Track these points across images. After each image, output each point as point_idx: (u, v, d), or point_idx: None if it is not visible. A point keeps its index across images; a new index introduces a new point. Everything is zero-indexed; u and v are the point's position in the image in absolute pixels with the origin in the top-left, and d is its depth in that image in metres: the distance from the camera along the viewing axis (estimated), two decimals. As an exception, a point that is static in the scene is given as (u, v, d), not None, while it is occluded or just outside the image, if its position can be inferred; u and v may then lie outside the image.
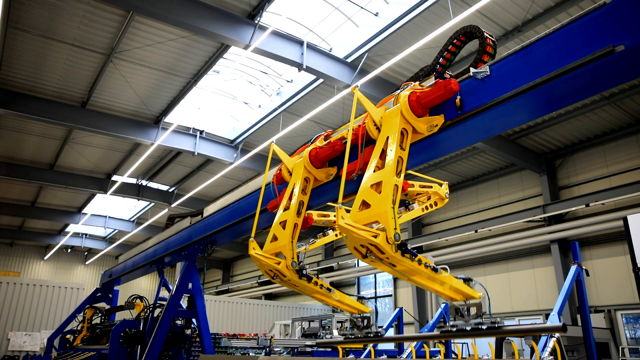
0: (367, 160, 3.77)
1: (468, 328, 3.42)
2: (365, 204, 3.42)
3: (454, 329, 3.49)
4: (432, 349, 13.54)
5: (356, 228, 3.19)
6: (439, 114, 3.69)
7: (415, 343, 8.16)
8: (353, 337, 4.45)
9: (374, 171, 3.50)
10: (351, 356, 12.89)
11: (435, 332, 3.93)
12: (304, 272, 3.94)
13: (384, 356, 9.94)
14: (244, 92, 16.27)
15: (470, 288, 3.57)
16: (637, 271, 7.91)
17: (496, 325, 3.32)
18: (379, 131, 3.81)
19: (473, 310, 3.47)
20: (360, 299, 4.47)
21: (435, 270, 3.41)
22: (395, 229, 3.12)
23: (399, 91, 3.88)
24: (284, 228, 4.37)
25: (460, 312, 3.52)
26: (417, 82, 3.94)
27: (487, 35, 3.82)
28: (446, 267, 3.51)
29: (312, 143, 4.64)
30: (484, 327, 3.36)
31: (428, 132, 3.69)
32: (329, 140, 4.43)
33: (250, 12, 11.71)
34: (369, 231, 3.15)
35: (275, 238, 4.38)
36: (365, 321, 4.00)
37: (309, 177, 4.62)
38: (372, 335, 4.31)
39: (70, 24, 12.05)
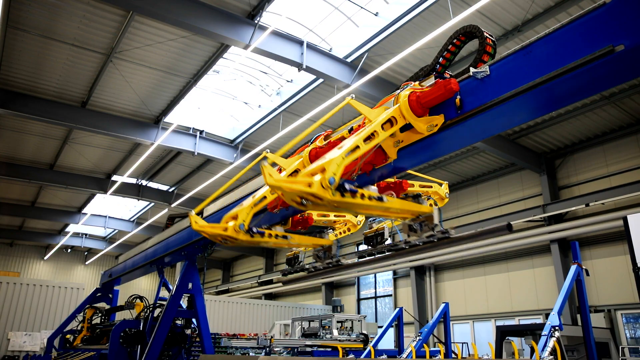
0: (367, 160, 3.75)
1: (420, 242, 3.51)
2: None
3: (407, 246, 3.58)
4: (432, 348, 13.55)
5: (287, 182, 2.97)
6: (439, 113, 3.67)
7: (415, 342, 8.16)
8: (315, 269, 4.57)
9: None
10: (351, 356, 12.90)
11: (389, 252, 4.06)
12: (254, 230, 3.80)
13: (384, 356, 9.95)
14: (244, 92, 16.27)
15: (420, 204, 3.61)
16: (637, 271, 7.91)
17: (447, 236, 3.39)
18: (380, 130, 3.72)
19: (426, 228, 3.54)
20: (320, 232, 4.62)
21: (380, 199, 3.27)
22: (335, 173, 2.86)
23: (398, 91, 3.86)
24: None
25: (412, 228, 3.56)
26: (417, 82, 3.93)
27: (487, 35, 3.82)
28: (392, 193, 3.46)
29: (311, 143, 4.59)
30: (435, 239, 3.44)
31: (428, 131, 3.67)
32: (328, 140, 4.41)
33: (250, 12, 11.71)
34: (301, 182, 2.93)
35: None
36: (327, 252, 4.01)
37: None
38: (332, 265, 4.42)
39: (70, 24, 12.05)
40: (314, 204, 2.99)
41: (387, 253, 4.08)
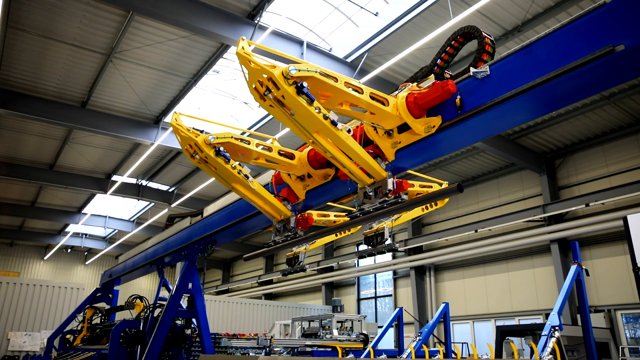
0: (373, 154, 3.84)
1: (372, 209, 3.74)
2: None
3: (360, 214, 3.82)
4: (431, 349, 13.55)
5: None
6: (437, 114, 3.68)
7: (414, 343, 8.16)
8: (275, 243, 4.83)
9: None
10: (350, 356, 12.90)
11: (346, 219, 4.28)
12: (221, 150, 3.91)
13: (383, 355, 9.94)
14: (244, 92, 16.26)
15: (377, 164, 3.76)
16: (637, 271, 7.91)
17: (399, 201, 3.64)
18: (377, 132, 3.89)
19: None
20: (284, 200, 4.71)
21: (334, 124, 3.38)
22: (299, 70, 3.13)
23: (397, 92, 3.89)
24: None
25: (367, 195, 3.81)
26: (415, 84, 3.94)
27: (486, 35, 3.84)
28: (349, 128, 3.61)
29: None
30: (386, 205, 3.68)
31: (425, 133, 3.71)
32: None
33: (250, 12, 11.72)
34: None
35: None
36: (286, 226, 4.23)
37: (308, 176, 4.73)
38: (290, 238, 4.65)
39: (70, 24, 12.05)
40: (274, 98, 3.22)
41: (351, 219, 4.25)
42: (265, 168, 5.14)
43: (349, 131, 3.63)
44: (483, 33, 3.85)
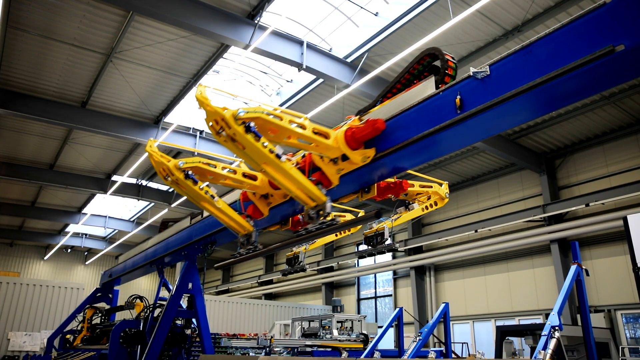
0: (316, 181, 4.38)
1: (314, 228, 4.33)
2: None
3: (304, 232, 4.43)
4: (432, 349, 13.55)
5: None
6: (372, 147, 4.19)
7: (414, 346, 8.15)
8: (239, 255, 5.41)
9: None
10: (345, 355, 12.90)
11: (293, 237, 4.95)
12: (190, 174, 4.48)
13: (378, 354, 9.92)
14: (244, 92, 16.27)
15: (318, 189, 4.25)
16: (637, 271, 7.91)
17: (334, 223, 4.30)
18: (323, 160, 4.43)
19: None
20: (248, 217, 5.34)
21: (279, 157, 3.91)
22: (247, 112, 3.73)
23: (343, 123, 4.42)
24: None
25: (310, 216, 4.39)
26: (358, 117, 4.48)
27: (448, 58, 4.06)
28: (290, 158, 4.23)
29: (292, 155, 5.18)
30: (325, 225, 4.28)
31: (362, 162, 4.23)
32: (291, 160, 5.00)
33: (250, 12, 11.71)
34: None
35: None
36: (249, 239, 4.82)
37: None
38: (252, 251, 5.27)
39: (70, 24, 12.05)
40: (227, 135, 3.72)
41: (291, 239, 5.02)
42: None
43: (300, 155, 4.20)
44: (446, 55, 4.11)
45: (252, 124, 3.72)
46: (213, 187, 5.21)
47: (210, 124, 3.79)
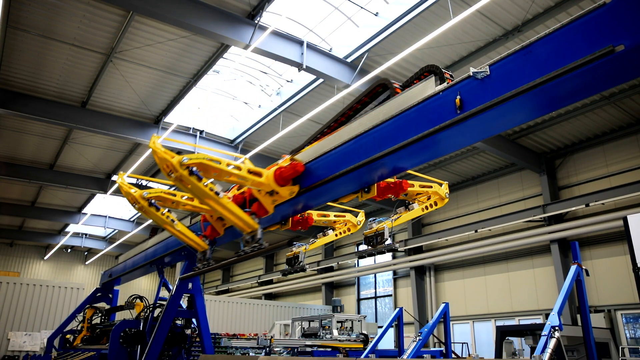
0: (250, 212, 5.31)
1: (249, 250, 5.18)
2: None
3: (243, 253, 5.28)
4: (432, 349, 13.56)
5: (161, 152, 4.55)
6: (297, 184, 5.13)
7: (415, 345, 8.15)
8: (198, 269, 6.17)
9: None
10: (340, 356, 12.91)
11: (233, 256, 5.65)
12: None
13: (373, 355, 9.92)
14: (244, 92, 16.27)
15: (250, 219, 5.15)
16: (637, 271, 7.91)
17: (262, 247, 5.10)
18: (260, 192, 5.25)
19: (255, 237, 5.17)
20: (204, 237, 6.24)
21: (217, 194, 4.87)
22: (188, 159, 4.49)
23: (279, 161, 5.37)
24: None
25: (246, 240, 5.24)
26: (290, 156, 5.41)
27: (396, 86, 4.64)
28: (221, 192, 5.04)
29: (229, 191, 6.03)
30: (257, 249, 5.14)
31: (289, 196, 5.15)
32: (234, 194, 5.91)
33: (250, 12, 11.71)
34: (169, 154, 4.54)
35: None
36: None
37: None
38: (206, 266, 6.12)
39: (70, 24, 12.05)
40: (176, 178, 4.54)
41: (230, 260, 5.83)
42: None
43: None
44: (394, 84, 4.71)
45: (194, 168, 4.54)
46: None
47: (163, 167, 4.55)
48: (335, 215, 8.08)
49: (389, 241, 6.23)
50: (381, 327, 18.33)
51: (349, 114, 5.33)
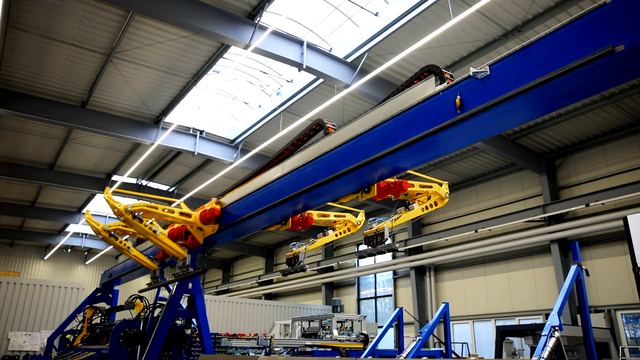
0: (182, 245, 7.55)
1: (181, 273, 7.31)
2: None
3: (176, 276, 7.40)
4: (432, 349, 13.55)
5: (112, 201, 6.34)
6: (216, 223, 7.00)
7: (414, 345, 8.14)
8: (149, 285, 8.60)
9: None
10: (337, 357, 12.90)
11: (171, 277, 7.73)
12: (136, 214, 6.61)
13: (370, 357, 9.90)
14: (244, 92, 16.27)
15: (179, 247, 7.35)
16: (637, 271, 7.91)
17: (188, 272, 7.21)
18: (192, 227, 7.14)
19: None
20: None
21: (155, 232, 6.98)
22: (131, 207, 6.55)
23: (206, 203, 7.15)
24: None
25: (179, 266, 7.41)
26: (215, 199, 7.13)
27: (330, 125, 5.50)
28: (159, 229, 7.27)
29: (169, 227, 7.69)
30: (187, 272, 7.27)
31: (212, 231, 7.02)
32: (177, 227, 7.52)
33: (250, 12, 11.71)
34: (119, 204, 6.34)
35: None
36: (155, 273, 7.77)
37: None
38: (156, 282, 8.57)
39: (70, 24, 12.05)
40: (122, 218, 6.62)
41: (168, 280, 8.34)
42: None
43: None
44: (327, 124, 5.53)
45: (136, 213, 6.52)
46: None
47: (114, 211, 6.55)
48: (335, 215, 8.08)
49: (389, 241, 6.23)
50: (381, 327, 18.32)
51: (285, 154, 6.21)
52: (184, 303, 8.64)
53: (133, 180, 21.74)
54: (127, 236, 9.21)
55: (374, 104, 12.49)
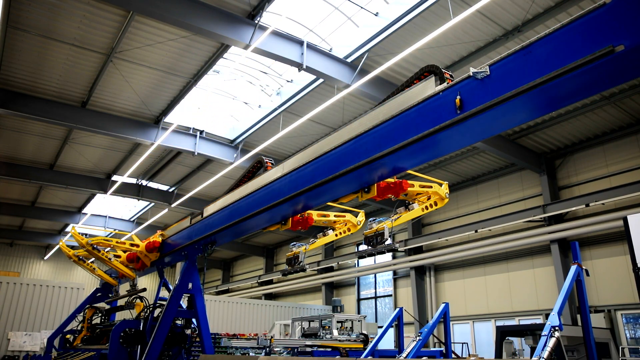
0: (139, 267, 9.84)
1: (132, 292, 9.71)
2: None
3: (127, 292, 9.86)
4: (432, 349, 13.55)
5: (77, 236, 9.49)
6: (158, 252, 9.36)
7: (414, 345, 8.14)
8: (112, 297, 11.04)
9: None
10: (336, 357, 12.89)
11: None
12: (94, 246, 9.54)
13: (370, 357, 9.89)
14: (244, 92, 16.27)
15: (131, 272, 9.99)
16: (637, 271, 7.91)
17: (141, 290, 9.62)
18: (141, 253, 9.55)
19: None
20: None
21: (109, 259, 9.72)
22: (91, 241, 9.77)
23: (152, 235, 9.49)
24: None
25: (130, 285, 10.20)
26: (160, 232, 9.50)
27: (268, 164, 6.62)
28: (113, 256, 9.98)
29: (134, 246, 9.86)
30: (137, 291, 9.58)
31: (155, 257, 9.40)
32: (132, 251, 9.80)
33: (250, 12, 11.71)
34: (83, 239, 9.45)
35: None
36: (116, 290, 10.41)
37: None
38: (117, 296, 10.95)
39: (70, 24, 12.05)
40: (85, 249, 9.82)
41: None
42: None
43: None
44: (266, 161, 6.64)
45: (95, 245, 9.43)
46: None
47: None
48: (335, 215, 8.08)
49: (389, 241, 6.24)
50: (381, 327, 18.32)
51: (250, 174, 7.06)
52: (184, 303, 8.64)
53: (133, 181, 21.75)
54: (108, 248, 10.51)
55: (374, 104, 12.49)
